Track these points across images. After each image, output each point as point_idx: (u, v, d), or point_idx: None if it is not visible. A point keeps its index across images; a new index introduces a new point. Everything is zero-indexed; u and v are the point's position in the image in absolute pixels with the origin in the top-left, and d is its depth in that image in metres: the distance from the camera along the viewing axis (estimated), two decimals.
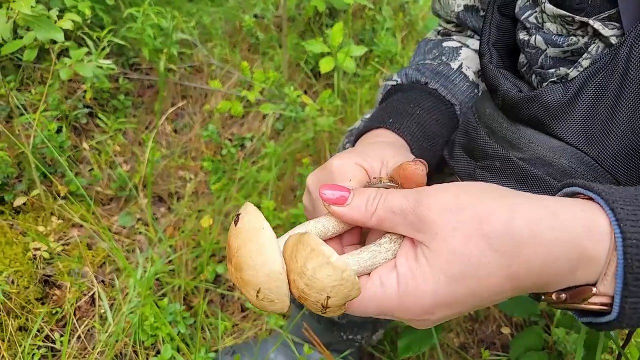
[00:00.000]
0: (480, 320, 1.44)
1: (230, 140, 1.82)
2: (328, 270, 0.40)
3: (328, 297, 0.40)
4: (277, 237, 0.45)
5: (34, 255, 1.27)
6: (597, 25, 0.53)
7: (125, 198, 1.56)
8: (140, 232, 1.48)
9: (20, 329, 1.16)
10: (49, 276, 1.29)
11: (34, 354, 1.13)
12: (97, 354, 1.15)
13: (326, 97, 1.51)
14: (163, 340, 1.17)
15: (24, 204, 1.36)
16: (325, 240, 0.46)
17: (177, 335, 1.20)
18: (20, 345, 1.12)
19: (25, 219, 1.35)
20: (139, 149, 1.70)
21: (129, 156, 1.69)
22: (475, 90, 0.77)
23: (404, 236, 0.45)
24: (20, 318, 1.16)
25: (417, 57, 0.87)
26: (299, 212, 1.43)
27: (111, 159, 1.63)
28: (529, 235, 0.38)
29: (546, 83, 0.59)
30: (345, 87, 1.80)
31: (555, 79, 0.58)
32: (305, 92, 1.94)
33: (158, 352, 1.19)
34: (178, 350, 1.18)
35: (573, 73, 0.56)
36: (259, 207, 1.52)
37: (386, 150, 0.56)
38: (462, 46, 0.82)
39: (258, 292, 0.42)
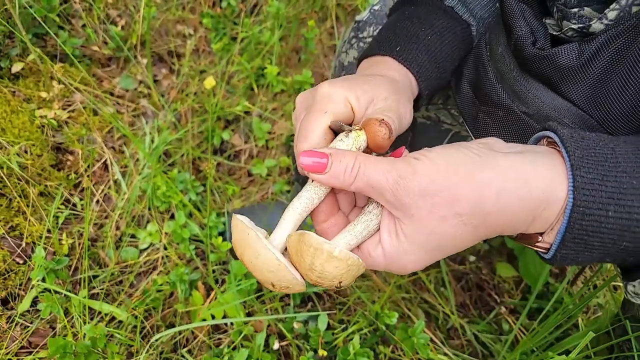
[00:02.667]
0: None
1: None
2: (335, 263, 0.44)
3: (340, 282, 0.46)
4: (272, 231, 0.51)
5: (42, 123, 1.29)
6: None
7: (124, 58, 1.52)
8: (144, 96, 1.47)
9: (40, 194, 1.24)
10: (60, 143, 1.32)
11: (58, 216, 1.23)
12: (117, 217, 1.25)
13: None
14: (176, 207, 1.26)
15: (22, 69, 1.33)
16: (318, 206, 0.50)
17: (189, 202, 1.28)
18: (45, 210, 1.21)
19: (26, 85, 1.34)
20: (132, 0, 1.59)
21: (122, 9, 1.59)
22: (497, 5, 0.70)
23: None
24: (40, 185, 1.23)
25: None
26: (303, 79, 1.40)
27: (104, 13, 1.54)
28: (496, 208, 0.42)
29: (566, 28, 0.54)
30: None
31: (575, 26, 0.52)
32: None
33: (172, 216, 1.29)
34: (190, 215, 1.28)
35: (596, 25, 0.51)
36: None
37: (381, 88, 0.54)
38: None
39: (273, 285, 0.47)
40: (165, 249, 1.22)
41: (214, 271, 1.19)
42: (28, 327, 1.08)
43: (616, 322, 0.99)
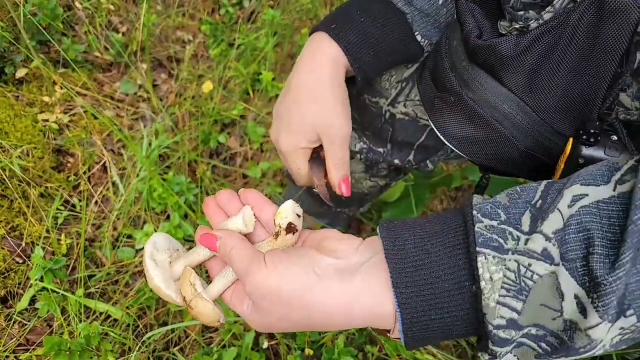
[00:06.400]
0: (464, 189, 1.53)
1: None
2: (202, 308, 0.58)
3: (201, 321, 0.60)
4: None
5: (44, 126, 1.34)
6: None
7: (125, 64, 1.56)
8: (143, 100, 1.51)
9: (41, 195, 1.28)
10: (61, 146, 1.37)
11: (57, 217, 1.27)
12: (115, 217, 1.29)
13: None
14: (171, 208, 1.29)
15: (26, 74, 1.38)
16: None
17: (184, 203, 1.32)
18: (44, 210, 1.25)
19: (29, 90, 1.38)
20: (134, 8, 1.64)
21: (124, 16, 1.64)
22: (441, 1, 0.77)
23: None
24: (41, 186, 1.27)
25: None
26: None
27: (106, 20, 1.58)
28: (324, 323, 0.52)
29: (512, 27, 0.60)
30: None
31: (518, 25, 0.58)
32: None
33: (168, 217, 1.32)
34: (186, 216, 1.31)
35: (533, 24, 0.57)
36: (257, 80, 1.52)
37: (313, 109, 0.73)
38: None
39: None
40: None
41: (206, 272, 1.22)
42: (26, 325, 1.12)
43: None
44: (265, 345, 1.09)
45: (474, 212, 0.48)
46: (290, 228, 0.57)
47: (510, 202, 0.49)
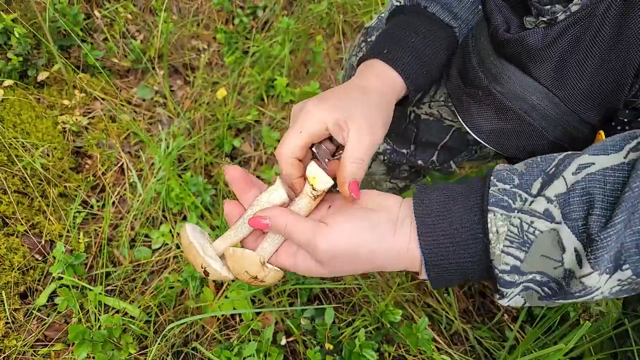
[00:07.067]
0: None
1: (242, 8, 1.77)
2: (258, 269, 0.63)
3: (262, 281, 0.64)
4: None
5: (64, 128, 1.36)
6: None
7: (142, 70, 1.59)
8: (159, 105, 1.54)
9: (60, 195, 1.29)
10: (80, 147, 1.39)
11: (75, 217, 1.28)
12: (132, 217, 1.30)
13: None
14: (188, 208, 1.31)
15: (47, 78, 1.41)
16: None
17: (201, 203, 1.33)
18: (63, 210, 1.27)
19: (50, 93, 1.41)
20: (151, 17, 1.68)
21: (141, 25, 1.68)
22: (480, 6, 0.77)
23: None
24: (59, 186, 1.29)
25: None
26: (311, 90, 1.47)
27: (124, 29, 1.62)
28: (378, 266, 0.60)
29: (539, 20, 0.62)
30: None
31: (546, 18, 0.61)
32: None
33: (185, 218, 1.34)
34: (202, 216, 1.33)
35: (561, 16, 0.59)
36: (272, 86, 1.55)
37: (355, 108, 0.66)
38: None
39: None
40: (178, 248, 1.27)
41: None
42: (44, 320, 1.12)
43: (619, 326, 1.02)
44: (283, 342, 1.10)
45: (492, 178, 0.56)
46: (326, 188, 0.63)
47: (527, 170, 0.55)
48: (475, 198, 0.56)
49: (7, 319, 1.09)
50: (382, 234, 0.58)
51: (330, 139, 0.68)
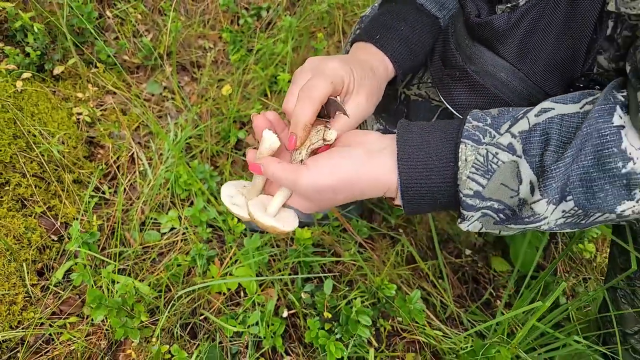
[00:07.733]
0: None
1: (247, 9, 1.86)
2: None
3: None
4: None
5: (78, 119, 1.44)
6: None
7: (151, 67, 1.68)
8: (167, 99, 1.62)
9: (74, 181, 1.37)
10: (93, 137, 1.47)
11: (89, 202, 1.36)
12: (142, 203, 1.38)
13: None
14: (195, 194, 1.38)
15: (62, 72, 1.49)
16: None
17: (207, 189, 1.41)
18: (78, 195, 1.34)
19: (65, 86, 1.50)
20: (160, 18, 1.77)
21: (150, 24, 1.77)
22: None
23: None
24: (74, 173, 1.37)
25: None
26: None
27: (134, 28, 1.71)
28: (359, 194, 0.67)
29: (505, 7, 0.71)
30: None
31: (510, 4, 0.70)
32: None
33: (192, 203, 1.41)
34: (208, 202, 1.40)
35: (522, 2, 0.69)
36: (275, 82, 1.63)
37: (364, 71, 0.76)
38: None
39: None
40: (184, 233, 1.34)
41: (231, 247, 1.30)
42: (60, 294, 1.19)
43: (604, 312, 1.09)
44: (285, 314, 1.16)
45: (468, 117, 0.64)
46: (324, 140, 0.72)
47: (499, 114, 0.64)
48: (451, 132, 0.64)
49: (26, 293, 1.16)
50: (361, 162, 0.65)
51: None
